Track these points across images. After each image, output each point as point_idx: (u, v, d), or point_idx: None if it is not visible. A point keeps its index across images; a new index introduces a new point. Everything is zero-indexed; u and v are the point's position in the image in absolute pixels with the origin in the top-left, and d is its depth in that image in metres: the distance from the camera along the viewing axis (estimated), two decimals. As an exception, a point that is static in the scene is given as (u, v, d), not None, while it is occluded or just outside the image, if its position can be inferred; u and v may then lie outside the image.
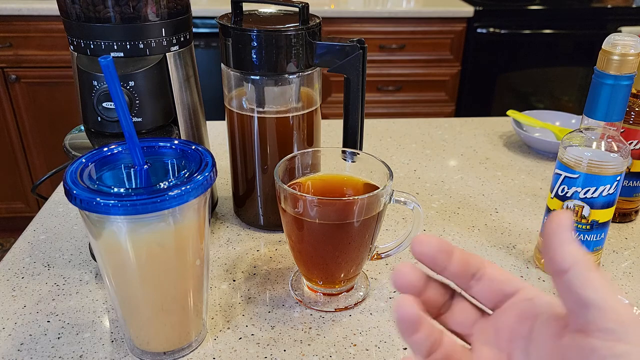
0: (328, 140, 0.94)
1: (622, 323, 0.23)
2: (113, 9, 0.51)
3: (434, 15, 1.94)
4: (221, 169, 0.81)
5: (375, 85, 2.05)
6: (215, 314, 0.53)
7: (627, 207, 0.69)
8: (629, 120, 0.63)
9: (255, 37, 0.55)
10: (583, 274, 0.23)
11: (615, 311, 0.23)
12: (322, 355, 0.48)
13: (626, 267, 0.61)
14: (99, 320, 0.52)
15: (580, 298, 0.23)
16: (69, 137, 0.56)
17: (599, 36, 1.74)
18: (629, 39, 0.49)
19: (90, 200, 0.37)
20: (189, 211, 0.42)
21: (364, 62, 0.57)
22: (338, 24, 1.92)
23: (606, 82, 0.50)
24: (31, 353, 0.48)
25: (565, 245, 0.24)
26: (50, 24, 1.79)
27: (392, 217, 0.70)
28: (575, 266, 0.24)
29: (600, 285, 0.23)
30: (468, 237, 0.66)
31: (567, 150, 0.54)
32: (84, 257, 0.61)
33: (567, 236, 0.24)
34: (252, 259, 0.61)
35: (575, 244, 0.24)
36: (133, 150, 0.42)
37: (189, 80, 0.60)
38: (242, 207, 0.68)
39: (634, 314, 0.23)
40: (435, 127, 1.01)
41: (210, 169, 0.42)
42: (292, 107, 0.61)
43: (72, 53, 0.55)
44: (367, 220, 0.49)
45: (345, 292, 0.56)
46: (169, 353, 0.48)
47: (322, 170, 0.58)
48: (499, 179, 0.81)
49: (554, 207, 0.57)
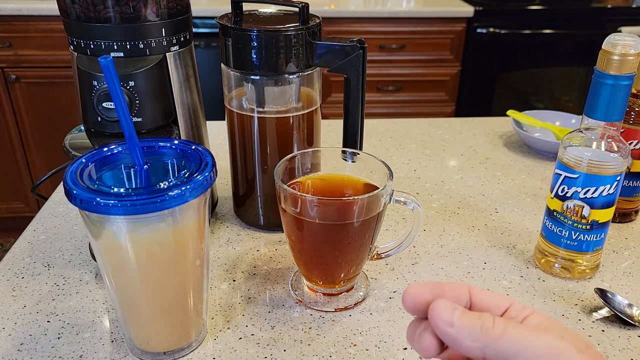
0: (328, 140, 0.94)
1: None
2: (113, 9, 0.51)
3: (434, 15, 1.94)
4: (221, 169, 0.81)
5: (375, 85, 2.05)
6: (215, 314, 0.53)
7: (627, 207, 0.69)
8: (629, 120, 0.63)
9: (255, 37, 0.55)
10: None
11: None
12: (322, 355, 0.48)
13: (626, 267, 0.61)
14: (99, 320, 0.52)
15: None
16: (69, 137, 0.56)
17: (599, 36, 1.74)
18: (629, 39, 0.49)
19: (90, 200, 0.37)
20: (189, 211, 0.42)
21: (364, 62, 0.57)
22: (338, 24, 1.92)
23: (606, 82, 0.50)
24: (31, 353, 0.48)
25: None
26: (50, 24, 1.79)
27: (392, 217, 0.70)
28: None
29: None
30: (468, 237, 0.66)
31: (567, 150, 0.54)
32: (84, 257, 0.61)
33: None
34: (252, 259, 0.61)
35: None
36: (133, 150, 0.42)
37: (189, 80, 0.60)
38: (242, 207, 0.68)
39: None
40: (435, 127, 1.01)
41: (210, 169, 0.42)
42: (292, 107, 0.61)
43: (72, 53, 0.55)
44: (367, 221, 0.49)
45: (345, 292, 0.56)
46: (169, 353, 0.48)
47: (322, 170, 0.58)
48: (499, 179, 0.81)
49: (554, 207, 0.57)
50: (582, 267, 0.58)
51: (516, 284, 0.58)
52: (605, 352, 0.49)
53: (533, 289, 0.57)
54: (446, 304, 0.26)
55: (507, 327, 0.25)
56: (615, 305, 0.53)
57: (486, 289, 0.57)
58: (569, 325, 0.52)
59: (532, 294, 0.56)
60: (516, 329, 0.25)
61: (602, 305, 0.54)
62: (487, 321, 0.26)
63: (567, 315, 0.53)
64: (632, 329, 0.52)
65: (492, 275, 0.59)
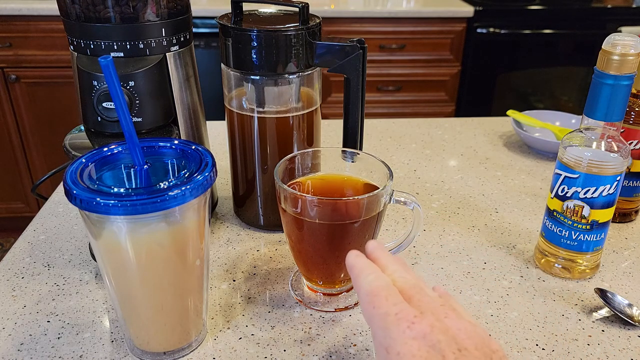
0: (328, 140, 0.94)
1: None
2: (113, 9, 0.51)
3: (434, 15, 1.94)
4: (221, 169, 0.81)
5: (375, 85, 2.05)
6: (215, 314, 0.53)
7: (627, 207, 0.69)
8: (629, 120, 0.63)
9: (255, 37, 0.55)
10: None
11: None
12: (322, 355, 0.48)
13: (626, 267, 0.61)
14: (99, 320, 0.52)
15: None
16: (69, 137, 0.56)
17: (599, 36, 1.74)
18: (629, 39, 0.49)
19: (90, 200, 0.37)
20: (189, 211, 0.42)
21: (364, 62, 0.57)
22: (338, 24, 1.92)
23: (606, 82, 0.50)
24: (31, 353, 0.48)
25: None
26: (50, 24, 1.79)
27: (392, 217, 0.70)
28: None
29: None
30: (468, 237, 0.66)
31: (567, 150, 0.54)
32: (84, 257, 0.61)
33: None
34: (252, 259, 0.61)
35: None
36: (133, 150, 0.42)
37: (189, 80, 0.60)
38: (242, 207, 0.68)
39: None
40: (435, 127, 1.01)
41: (210, 169, 0.42)
42: (292, 107, 0.61)
43: (72, 53, 0.55)
44: (367, 220, 0.49)
45: (345, 292, 0.56)
46: (169, 353, 0.48)
47: (322, 170, 0.58)
48: (499, 179, 0.81)
49: (554, 207, 0.57)
50: (582, 267, 0.58)
51: (516, 284, 0.58)
52: (605, 352, 0.49)
53: (533, 289, 0.57)
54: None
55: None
56: (615, 305, 0.53)
57: (486, 289, 0.57)
58: (569, 325, 0.52)
59: (532, 294, 0.56)
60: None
61: (602, 305, 0.54)
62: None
63: (567, 315, 0.53)
64: (632, 329, 0.52)
65: (492, 275, 0.59)
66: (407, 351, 0.28)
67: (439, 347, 0.28)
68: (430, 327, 0.29)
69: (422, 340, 0.29)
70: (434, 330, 0.29)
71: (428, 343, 0.29)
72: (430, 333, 0.29)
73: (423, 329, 0.29)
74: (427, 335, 0.29)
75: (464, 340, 0.29)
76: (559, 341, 0.50)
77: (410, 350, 0.28)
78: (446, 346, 0.28)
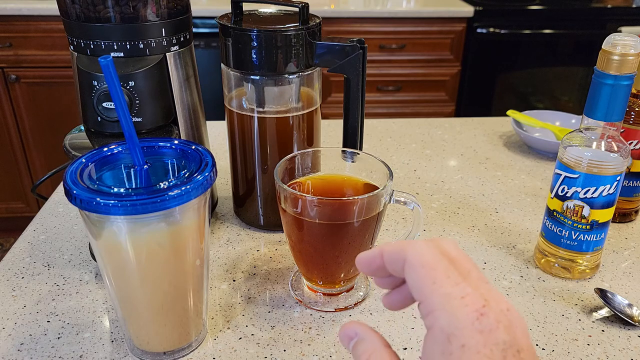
0: (328, 140, 0.94)
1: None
2: (113, 9, 0.51)
3: (434, 15, 1.94)
4: (221, 169, 0.81)
5: (375, 85, 2.05)
6: (215, 314, 0.53)
7: (627, 207, 0.69)
8: (629, 120, 0.63)
9: (255, 37, 0.55)
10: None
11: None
12: (322, 355, 0.48)
13: (626, 267, 0.61)
14: (99, 320, 0.52)
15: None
16: (69, 137, 0.56)
17: (599, 36, 1.74)
18: (629, 39, 0.49)
19: (90, 200, 0.37)
20: (189, 211, 0.42)
21: (364, 62, 0.57)
22: (338, 24, 1.92)
23: (606, 82, 0.50)
24: (31, 353, 0.48)
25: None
26: (50, 24, 1.79)
27: (392, 217, 0.70)
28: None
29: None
30: (468, 237, 0.66)
31: (567, 150, 0.54)
32: (84, 257, 0.61)
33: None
34: (252, 259, 0.61)
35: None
36: (133, 150, 0.42)
37: (189, 80, 0.60)
38: (242, 207, 0.68)
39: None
40: (435, 127, 1.01)
41: (210, 169, 0.42)
42: (292, 107, 0.61)
43: (72, 53, 0.55)
44: (367, 220, 0.49)
45: (345, 292, 0.56)
46: (169, 353, 0.48)
47: (322, 170, 0.58)
48: (499, 179, 0.81)
49: (554, 207, 0.57)
50: (582, 267, 0.58)
51: (516, 284, 0.58)
52: (605, 352, 0.49)
53: (533, 289, 0.57)
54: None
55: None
56: (615, 305, 0.53)
57: (486, 289, 0.57)
58: (569, 325, 0.52)
59: (532, 294, 0.56)
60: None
61: (602, 305, 0.54)
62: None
63: (567, 315, 0.53)
64: (632, 329, 0.52)
65: (492, 275, 0.59)
66: (473, 346, 0.26)
67: (502, 347, 0.26)
68: (497, 322, 0.26)
69: (488, 335, 0.26)
70: (499, 327, 0.26)
71: (493, 341, 0.26)
72: (496, 330, 0.26)
73: (490, 324, 0.26)
74: (493, 331, 0.26)
75: (521, 340, 0.27)
76: (559, 341, 0.50)
77: (476, 346, 0.26)
78: (509, 347, 0.26)
